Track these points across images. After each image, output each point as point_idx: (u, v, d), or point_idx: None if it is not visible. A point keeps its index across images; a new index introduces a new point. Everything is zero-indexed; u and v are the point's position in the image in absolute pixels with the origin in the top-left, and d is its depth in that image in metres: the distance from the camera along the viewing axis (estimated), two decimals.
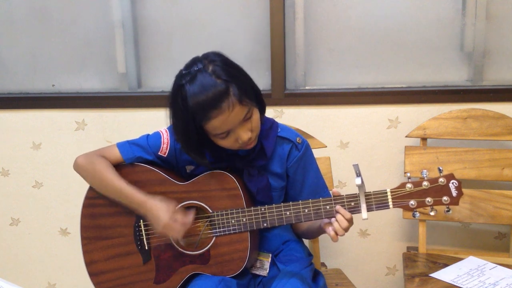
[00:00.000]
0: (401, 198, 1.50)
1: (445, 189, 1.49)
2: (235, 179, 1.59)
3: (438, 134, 2.14)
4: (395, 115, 2.27)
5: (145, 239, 1.66)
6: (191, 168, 1.67)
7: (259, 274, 1.68)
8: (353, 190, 1.52)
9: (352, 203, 1.51)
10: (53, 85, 2.46)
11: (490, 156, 2.10)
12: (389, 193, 1.50)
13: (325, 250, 2.35)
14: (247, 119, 1.49)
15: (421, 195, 1.49)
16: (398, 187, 1.51)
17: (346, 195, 1.52)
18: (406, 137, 2.19)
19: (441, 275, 1.87)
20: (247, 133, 1.50)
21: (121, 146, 1.69)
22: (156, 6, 2.36)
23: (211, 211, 1.60)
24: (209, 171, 1.61)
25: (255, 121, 1.52)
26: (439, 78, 2.29)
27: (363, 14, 2.27)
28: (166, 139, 1.67)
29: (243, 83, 1.49)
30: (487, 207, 2.08)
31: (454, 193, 1.49)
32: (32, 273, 2.59)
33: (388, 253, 2.40)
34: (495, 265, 1.90)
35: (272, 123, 1.66)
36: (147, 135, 1.70)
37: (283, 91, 2.29)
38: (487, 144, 2.16)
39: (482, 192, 2.09)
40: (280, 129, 1.68)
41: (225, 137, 1.50)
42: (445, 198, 1.49)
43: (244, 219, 1.58)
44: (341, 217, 1.50)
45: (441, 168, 1.51)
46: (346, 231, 1.52)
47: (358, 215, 1.51)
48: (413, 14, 2.25)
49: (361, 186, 1.49)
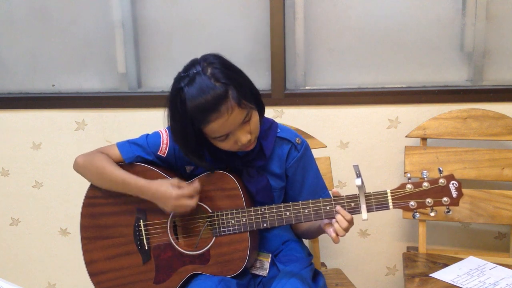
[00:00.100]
0: (401, 198, 1.50)
1: (445, 190, 1.49)
2: (235, 179, 1.59)
3: (438, 134, 2.14)
4: (395, 115, 2.27)
5: (145, 239, 1.66)
6: (190, 168, 1.67)
7: (259, 274, 1.68)
8: (353, 190, 1.52)
9: (352, 204, 1.51)
10: (53, 85, 2.46)
11: (490, 156, 2.10)
12: (389, 194, 1.50)
13: (325, 250, 2.35)
14: (246, 122, 1.49)
15: (421, 196, 1.49)
16: (398, 187, 1.51)
17: (346, 196, 1.52)
18: (406, 137, 2.19)
19: (441, 275, 1.87)
20: (246, 135, 1.50)
21: (121, 146, 1.69)
22: (156, 6, 2.36)
23: (211, 211, 1.60)
24: (209, 171, 1.61)
25: (254, 123, 1.52)
26: (439, 78, 2.29)
27: (363, 14, 2.26)
28: (165, 139, 1.66)
29: (242, 85, 1.48)
30: (487, 207, 2.08)
31: (454, 194, 1.49)
32: (32, 273, 2.59)
33: (388, 253, 2.40)
34: (495, 265, 1.90)
35: (271, 124, 1.66)
36: (146, 135, 1.70)
37: (283, 91, 2.29)
38: (487, 144, 2.16)
39: (482, 192, 2.09)
40: (280, 129, 1.67)
41: (224, 139, 1.50)
42: (445, 199, 1.49)
43: (244, 219, 1.58)
44: (341, 218, 1.50)
45: (441, 169, 1.50)
46: (346, 231, 1.52)
47: (358, 216, 1.51)
48: (413, 14, 2.25)
49: (361, 187, 1.49)
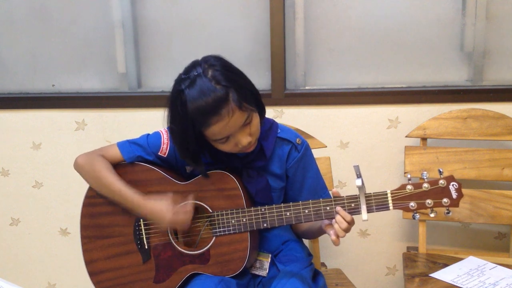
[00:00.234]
0: (401, 199, 1.50)
1: (445, 191, 1.49)
2: (235, 179, 1.59)
3: (438, 134, 2.14)
4: (395, 115, 2.27)
5: (144, 238, 1.66)
6: (190, 168, 1.67)
7: (258, 274, 1.68)
8: (353, 190, 1.52)
9: (352, 204, 1.51)
10: (53, 85, 2.46)
11: (490, 156, 2.10)
12: (389, 195, 1.50)
13: (325, 250, 2.35)
14: (246, 124, 1.49)
15: (421, 197, 1.49)
16: (398, 188, 1.51)
17: (346, 196, 1.52)
18: (406, 137, 2.19)
19: (441, 275, 1.87)
20: (246, 137, 1.50)
21: (121, 146, 1.68)
22: (156, 6, 2.36)
23: (211, 210, 1.60)
24: (209, 171, 1.61)
25: (254, 126, 1.51)
26: (439, 78, 2.29)
27: (363, 14, 2.26)
28: (166, 140, 1.66)
29: (243, 88, 1.48)
30: (487, 207, 2.08)
31: (454, 195, 1.49)
32: (32, 273, 2.59)
33: (388, 253, 2.40)
34: (495, 265, 1.90)
35: (271, 124, 1.66)
36: (147, 135, 1.70)
37: (283, 91, 2.29)
38: (487, 144, 2.16)
39: (482, 192, 2.09)
40: (280, 129, 1.67)
41: (224, 142, 1.50)
42: (445, 200, 1.49)
43: (244, 219, 1.58)
44: (340, 219, 1.50)
45: (441, 170, 1.50)
46: (347, 232, 1.52)
47: (358, 216, 1.52)
48: (413, 14, 2.25)
49: (361, 188, 1.49)
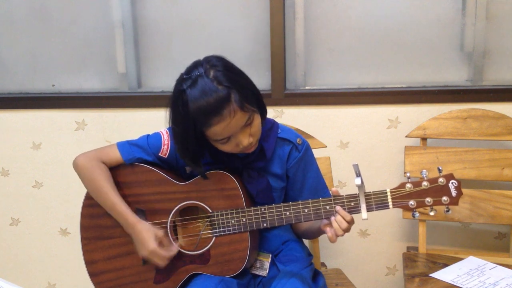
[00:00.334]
0: (400, 198, 1.50)
1: (444, 189, 1.49)
2: (235, 179, 1.58)
3: (438, 134, 2.14)
4: (395, 115, 2.27)
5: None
6: (190, 169, 1.67)
7: (259, 274, 1.67)
8: (353, 190, 1.52)
9: (352, 203, 1.51)
10: (53, 85, 2.46)
11: (490, 156, 2.10)
12: (388, 193, 1.50)
13: (325, 250, 2.35)
14: (248, 125, 1.49)
15: (420, 195, 1.49)
16: (397, 187, 1.51)
17: (346, 195, 1.52)
18: (406, 137, 2.19)
19: (441, 275, 1.87)
20: (248, 138, 1.50)
21: (121, 147, 1.68)
22: (156, 6, 2.36)
23: (211, 211, 1.60)
24: (209, 171, 1.61)
25: (256, 126, 1.51)
26: (439, 78, 2.29)
27: (363, 14, 2.26)
28: (166, 140, 1.66)
29: (245, 88, 1.48)
30: (487, 207, 2.08)
31: (453, 193, 1.49)
32: (32, 273, 2.59)
33: (388, 253, 2.40)
34: (495, 265, 1.90)
35: (272, 124, 1.66)
36: (147, 136, 1.70)
37: (283, 91, 2.29)
38: (487, 144, 2.16)
39: (482, 192, 2.09)
40: (280, 130, 1.67)
41: (226, 142, 1.50)
42: (444, 198, 1.49)
43: (244, 219, 1.58)
44: (340, 219, 1.50)
45: (440, 168, 1.51)
46: (347, 231, 1.52)
47: (358, 215, 1.51)
48: (413, 14, 2.25)
49: (360, 186, 1.49)
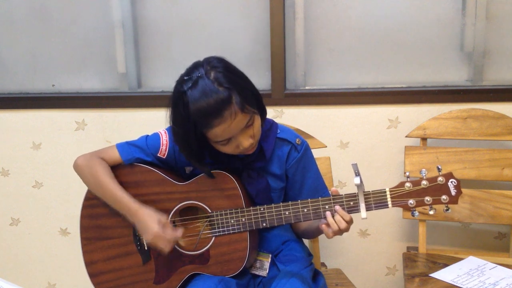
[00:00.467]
0: (400, 197, 1.50)
1: (444, 188, 1.49)
2: (234, 179, 1.58)
3: (438, 134, 2.14)
4: (395, 115, 2.27)
5: (144, 239, 1.66)
6: (190, 169, 1.67)
7: (258, 274, 1.67)
8: (353, 190, 1.52)
9: (351, 203, 1.51)
10: (53, 85, 2.46)
11: (490, 156, 2.10)
12: (388, 193, 1.50)
13: (325, 250, 2.35)
14: (248, 126, 1.49)
15: (420, 194, 1.49)
16: (397, 186, 1.51)
17: (345, 195, 1.52)
18: (406, 137, 2.18)
19: (441, 275, 1.86)
20: (248, 139, 1.50)
21: (120, 147, 1.68)
22: (156, 6, 2.36)
23: (210, 211, 1.60)
24: (209, 175, 1.61)
25: (256, 128, 1.51)
26: (439, 78, 2.29)
27: (363, 14, 2.26)
28: (165, 141, 1.66)
29: (245, 90, 1.48)
30: (487, 207, 2.08)
31: (453, 192, 1.49)
32: (32, 273, 2.59)
33: (388, 253, 2.40)
34: (495, 265, 1.90)
35: (271, 124, 1.66)
36: (146, 136, 1.70)
37: (283, 91, 2.29)
38: (487, 144, 2.16)
39: (482, 192, 2.09)
40: (280, 130, 1.67)
41: (226, 143, 1.50)
42: (444, 197, 1.49)
43: (244, 219, 1.58)
44: (339, 218, 1.50)
45: (440, 167, 1.50)
46: (345, 231, 1.52)
47: (357, 215, 1.51)
48: (413, 14, 2.25)
49: (360, 186, 1.49)
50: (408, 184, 1.50)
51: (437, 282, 1.83)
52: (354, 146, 2.31)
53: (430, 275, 1.88)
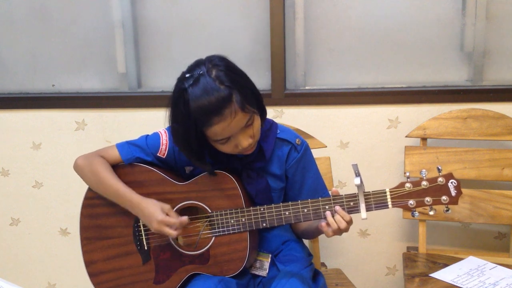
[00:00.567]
0: (400, 197, 1.50)
1: (444, 189, 1.49)
2: (234, 179, 1.58)
3: (438, 134, 2.14)
4: (395, 115, 2.27)
5: (144, 239, 1.66)
6: (190, 169, 1.67)
7: (258, 274, 1.67)
8: (353, 190, 1.52)
9: (351, 203, 1.51)
10: (53, 85, 2.46)
11: (490, 156, 2.09)
12: (388, 193, 1.50)
13: (325, 250, 2.34)
14: (248, 126, 1.49)
15: (420, 195, 1.49)
16: (397, 186, 1.51)
17: (345, 195, 1.52)
18: (406, 137, 2.18)
19: (441, 275, 1.86)
20: (247, 139, 1.50)
21: (120, 147, 1.69)
22: (156, 6, 2.36)
23: (210, 211, 1.60)
24: (210, 173, 1.61)
25: (256, 128, 1.51)
26: (439, 78, 2.29)
27: (363, 14, 2.26)
28: (165, 140, 1.66)
29: (246, 89, 1.48)
30: (487, 207, 2.08)
31: (453, 192, 1.49)
32: (32, 273, 2.59)
33: (388, 253, 2.40)
34: (495, 265, 1.90)
35: (271, 124, 1.66)
36: (146, 136, 1.70)
37: (283, 91, 2.29)
38: (487, 144, 2.16)
39: (482, 192, 2.09)
40: (280, 130, 1.67)
41: (225, 142, 1.50)
42: (444, 197, 1.49)
43: (243, 219, 1.58)
44: (340, 218, 1.50)
45: (440, 167, 1.50)
46: (345, 231, 1.52)
47: (357, 215, 1.51)
48: (413, 14, 2.25)
49: (360, 186, 1.49)
50: (408, 185, 1.50)
51: (437, 282, 1.83)
52: (354, 146, 2.31)
53: (430, 275, 1.88)
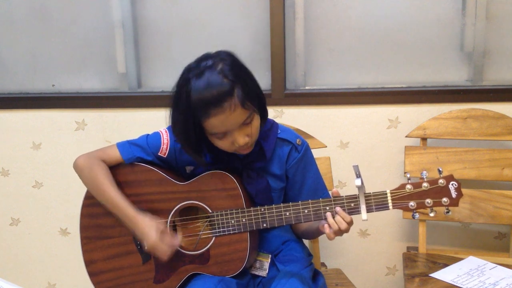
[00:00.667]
0: (400, 199, 1.50)
1: (444, 190, 1.49)
2: (234, 179, 1.58)
3: (438, 134, 2.14)
4: (395, 115, 2.27)
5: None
6: (190, 168, 1.67)
7: (258, 275, 1.67)
8: (353, 190, 1.52)
9: (352, 204, 1.51)
10: (53, 85, 2.46)
11: (490, 156, 2.10)
12: (388, 194, 1.50)
13: (325, 250, 2.35)
14: (246, 124, 1.49)
15: (420, 196, 1.49)
16: (397, 188, 1.51)
17: (346, 196, 1.52)
18: (406, 137, 2.18)
19: (441, 275, 1.87)
20: (244, 137, 1.50)
21: (121, 146, 1.68)
22: (156, 6, 2.36)
23: (210, 211, 1.60)
24: (209, 171, 1.61)
25: (254, 127, 1.51)
26: (439, 78, 2.29)
27: (363, 14, 2.26)
28: (166, 140, 1.66)
29: (249, 87, 1.48)
30: (487, 207, 2.08)
31: (453, 194, 1.49)
32: (32, 273, 2.59)
33: (388, 253, 2.40)
34: (495, 265, 1.90)
35: (272, 124, 1.66)
36: (146, 135, 1.70)
37: (283, 91, 2.29)
38: (487, 144, 2.16)
39: (482, 192, 2.09)
40: (280, 130, 1.67)
41: (221, 138, 1.50)
42: (444, 199, 1.49)
43: (244, 219, 1.58)
44: (340, 219, 1.50)
45: (440, 169, 1.50)
46: (345, 232, 1.52)
47: (357, 216, 1.51)
48: (413, 14, 2.25)
49: (361, 187, 1.49)
50: (409, 186, 1.50)
51: (437, 282, 1.83)
52: (354, 146, 2.31)
53: (430, 275, 1.88)
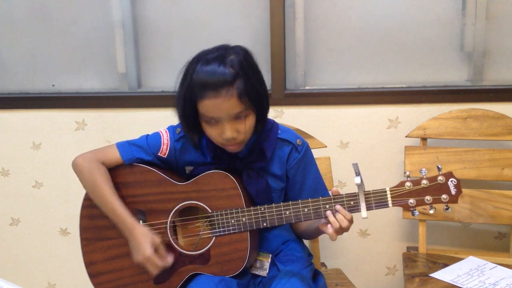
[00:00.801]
0: (400, 196, 1.50)
1: (444, 187, 1.49)
2: (234, 179, 1.58)
3: (438, 134, 2.14)
4: (395, 115, 2.27)
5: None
6: (190, 169, 1.67)
7: (259, 274, 1.67)
8: (353, 190, 1.52)
9: (351, 202, 1.51)
10: (53, 85, 2.46)
11: (490, 156, 2.10)
12: (388, 192, 1.50)
13: (325, 250, 2.34)
14: (239, 118, 1.49)
15: (420, 194, 1.50)
16: (397, 185, 1.51)
17: (345, 194, 1.52)
18: (406, 137, 2.18)
19: (441, 275, 1.86)
20: (232, 132, 1.50)
21: (120, 147, 1.68)
22: (156, 6, 2.36)
23: (210, 211, 1.60)
24: (209, 171, 1.61)
25: (247, 126, 1.52)
26: (439, 78, 2.29)
27: (363, 14, 2.27)
28: (166, 140, 1.66)
29: (252, 83, 1.49)
30: (487, 207, 2.08)
31: (453, 191, 1.49)
32: (32, 273, 2.59)
33: (388, 253, 2.40)
34: (495, 265, 1.90)
35: (272, 125, 1.66)
36: (146, 136, 1.70)
37: (283, 91, 2.29)
38: (487, 144, 2.16)
39: (482, 192, 2.09)
40: (280, 130, 1.67)
41: (211, 125, 1.51)
42: (444, 196, 1.49)
43: (244, 219, 1.58)
44: (341, 217, 1.50)
45: (440, 166, 1.51)
46: (346, 231, 1.52)
47: (357, 214, 1.51)
48: (413, 14, 2.25)
49: (360, 185, 1.49)
50: (408, 184, 1.50)
51: (437, 282, 1.83)
52: (354, 146, 2.31)
53: (430, 275, 1.87)
